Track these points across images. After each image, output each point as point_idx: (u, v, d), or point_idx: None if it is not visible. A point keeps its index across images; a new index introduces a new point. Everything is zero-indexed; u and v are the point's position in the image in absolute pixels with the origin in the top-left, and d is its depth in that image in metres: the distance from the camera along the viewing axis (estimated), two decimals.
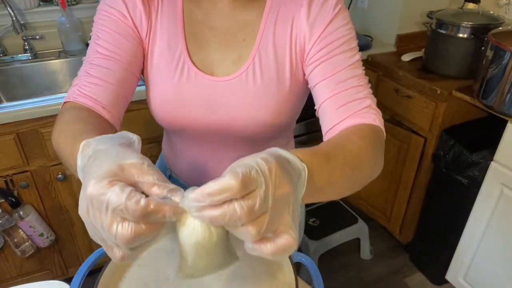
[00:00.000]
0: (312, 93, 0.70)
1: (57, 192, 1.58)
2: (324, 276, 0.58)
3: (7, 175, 1.47)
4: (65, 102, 0.68)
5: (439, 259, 1.85)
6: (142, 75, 0.77)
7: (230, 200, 0.34)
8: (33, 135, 1.44)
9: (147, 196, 0.36)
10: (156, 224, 0.36)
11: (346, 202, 2.16)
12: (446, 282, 1.85)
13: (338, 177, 0.51)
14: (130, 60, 0.70)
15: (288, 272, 0.59)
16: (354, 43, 0.69)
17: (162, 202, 0.36)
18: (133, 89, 0.73)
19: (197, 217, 0.36)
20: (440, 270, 1.85)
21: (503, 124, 1.45)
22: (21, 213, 1.51)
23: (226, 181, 0.34)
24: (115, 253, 0.38)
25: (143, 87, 0.79)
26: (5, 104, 1.41)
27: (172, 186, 0.38)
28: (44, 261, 1.71)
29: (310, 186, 0.44)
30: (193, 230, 0.38)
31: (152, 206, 0.35)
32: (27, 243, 1.58)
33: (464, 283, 1.75)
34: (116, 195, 0.34)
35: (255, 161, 0.36)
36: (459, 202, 1.68)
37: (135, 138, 0.44)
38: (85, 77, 0.67)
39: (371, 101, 0.65)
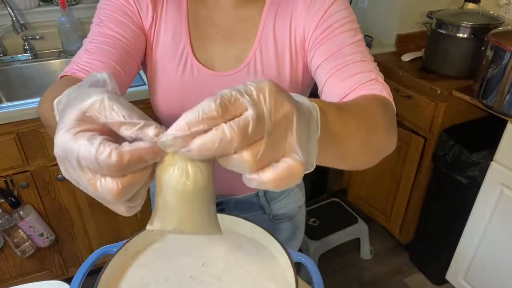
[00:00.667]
0: (315, 77, 0.69)
1: (57, 192, 1.58)
2: (324, 276, 0.58)
3: (7, 175, 1.47)
4: (61, 77, 0.65)
5: (439, 259, 1.85)
6: (144, 70, 0.77)
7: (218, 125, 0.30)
8: (33, 135, 1.44)
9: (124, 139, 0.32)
10: (142, 170, 0.32)
11: (346, 202, 2.16)
12: (446, 282, 1.85)
13: (354, 128, 0.46)
14: (132, 43, 0.70)
15: (288, 272, 0.59)
16: (356, 25, 0.68)
17: (136, 147, 0.31)
18: (133, 74, 0.72)
19: (184, 152, 0.31)
20: (440, 270, 1.85)
21: (503, 124, 1.45)
22: (21, 213, 1.51)
23: (201, 106, 0.30)
24: (120, 208, 0.34)
25: (143, 87, 0.79)
26: (5, 104, 1.41)
27: (141, 122, 0.32)
28: (44, 261, 1.71)
29: (326, 129, 0.38)
30: (171, 174, 0.33)
31: (127, 157, 0.30)
32: (27, 243, 1.58)
33: (464, 283, 1.75)
34: (85, 149, 0.30)
35: (244, 84, 0.31)
36: (459, 202, 1.68)
37: (104, 76, 0.38)
38: (85, 54, 0.66)
39: (376, 74, 0.62)
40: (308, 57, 0.71)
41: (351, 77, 0.61)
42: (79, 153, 0.30)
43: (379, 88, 0.60)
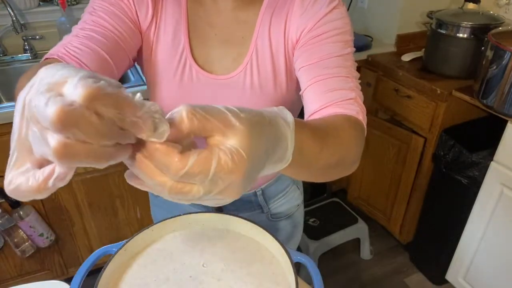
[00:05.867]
0: (298, 77, 0.68)
1: (57, 192, 1.58)
2: (324, 276, 0.58)
3: None
4: (45, 59, 0.62)
5: (439, 259, 1.85)
6: (143, 72, 0.77)
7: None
8: None
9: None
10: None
11: (346, 202, 2.16)
12: (446, 282, 1.85)
13: (322, 163, 0.48)
14: (126, 38, 0.68)
15: (288, 272, 0.59)
16: (348, 37, 0.68)
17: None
18: (123, 68, 0.70)
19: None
20: (440, 270, 1.85)
21: (503, 124, 1.45)
22: (21, 213, 1.51)
23: (169, 159, 0.29)
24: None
25: (143, 87, 0.79)
26: (5, 104, 1.41)
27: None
28: (44, 261, 1.71)
29: (289, 168, 0.41)
30: None
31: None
32: (27, 243, 1.58)
33: (464, 283, 1.75)
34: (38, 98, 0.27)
35: (220, 156, 0.30)
36: (459, 202, 1.68)
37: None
38: (74, 38, 0.63)
39: (356, 94, 0.62)
40: (295, 55, 0.70)
41: (331, 92, 0.61)
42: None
43: (356, 110, 0.60)
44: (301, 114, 0.82)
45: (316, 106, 0.61)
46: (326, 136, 0.49)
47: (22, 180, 0.30)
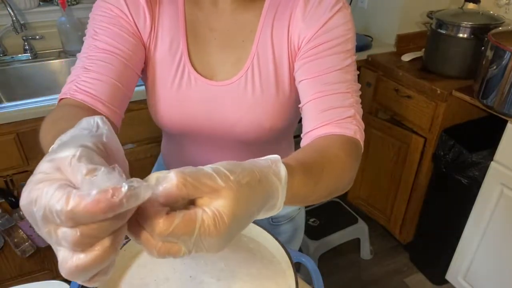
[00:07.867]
0: (298, 89, 0.68)
1: None
2: (324, 276, 0.58)
3: (7, 175, 1.47)
4: (60, 99, 0.63)
5: (439, 259, 1.85)
6: (142, 79, 0.76)
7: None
8: (33, 135, 1.44)
9: None
10: (105, 222, 0.29)
11: (346, 202, 2.16)
12: (446, 282, 1.85)
13: (314, 198, 0.50)
14: (130, 55, 0.67)
15: (288, 272, 0.59)
16: (350, 46, 0.66)
17: (91, 198, 0.27)
18: (133, 86, 0.71)
19: None
20: (440, 270, 1.85)
21: (503, 124, 1.46)
22: (21, 213, 1.51)
23: (155, 221, 0.31)
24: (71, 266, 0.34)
25: (143, 87, 0.79)
26: (5, 104, 1.41)
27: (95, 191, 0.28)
28: (44, 261, 1.71)
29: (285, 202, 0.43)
30: None
31: (69, 207, 0.27)
32: (27, 243, 1.58)
33: (464, 283, 1.75)
34: (42, 195, 0.28)
35: (203, 219, 0.32)
36: (459, 202, 1.68)
37: (97, 120, 0.36)
38: (83, 72, 0.64)
39: (355, 111, 0.62)
40: (295, 66, 0.69)
41: (330, 110, 0.62)
42: (37, 200, 0.28)
43: (354, 129, 0.61)
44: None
45: (314, 124, 0.62)
46: (320, 173, 0.50)
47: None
